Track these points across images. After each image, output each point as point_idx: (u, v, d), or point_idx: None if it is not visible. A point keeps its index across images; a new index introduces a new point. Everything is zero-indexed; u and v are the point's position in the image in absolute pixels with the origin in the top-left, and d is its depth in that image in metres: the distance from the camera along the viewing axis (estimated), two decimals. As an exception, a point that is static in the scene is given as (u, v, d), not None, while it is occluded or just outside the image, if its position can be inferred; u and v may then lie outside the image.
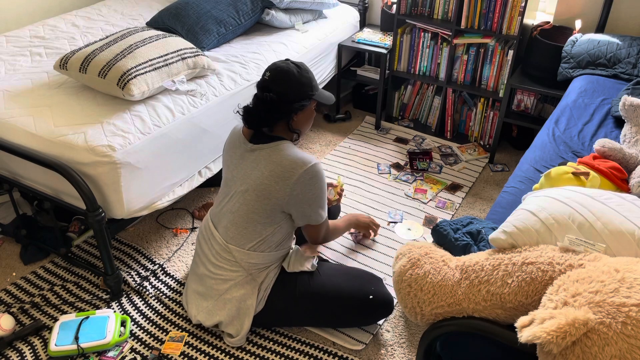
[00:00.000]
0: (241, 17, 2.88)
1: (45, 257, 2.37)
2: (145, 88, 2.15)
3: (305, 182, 1.79)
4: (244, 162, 1.88)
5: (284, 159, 1.79)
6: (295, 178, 1.78)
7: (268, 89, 1.79)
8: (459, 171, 3.00)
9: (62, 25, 3.02)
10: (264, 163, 1.82)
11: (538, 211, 1.42)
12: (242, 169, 1.88)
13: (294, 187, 1.78)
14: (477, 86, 3.13)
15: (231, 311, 1.92)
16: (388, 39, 3.29)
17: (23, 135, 2.04)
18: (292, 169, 1.78)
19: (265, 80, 1.81)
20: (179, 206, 2.68)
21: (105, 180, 1.96)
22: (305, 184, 1.79)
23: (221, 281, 1.92)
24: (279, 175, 1.78)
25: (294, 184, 1.78)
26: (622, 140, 2.07)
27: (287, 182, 1.78)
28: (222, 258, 1.91)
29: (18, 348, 1.96)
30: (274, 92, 1.78)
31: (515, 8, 2.78)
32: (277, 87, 1.79)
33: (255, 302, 1.90)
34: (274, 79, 1.80)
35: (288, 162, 1.79)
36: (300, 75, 1.83)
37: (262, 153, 1.83)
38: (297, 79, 1.81)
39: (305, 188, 1.80)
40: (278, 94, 1.78)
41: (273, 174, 1.79)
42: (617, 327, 1.08)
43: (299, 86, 1.82)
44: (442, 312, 1.42)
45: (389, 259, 2.39)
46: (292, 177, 1.78)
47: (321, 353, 1.96)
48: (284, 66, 1.81)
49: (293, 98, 1.81)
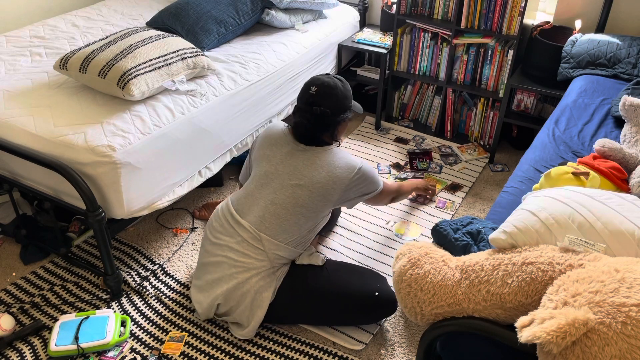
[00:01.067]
0: (241, 17, 2.88)
1: (45, 257, 2.37)
2: (145, 88, 2.15)
3: (360, 181, 1.98)
4: (294, 159, 1.97)
5: (340, 161, 1.96)
6: (349, 180, 1.95)
7: (317, 104, 1.91)
8: (459, 171, 3.00)
9: (62, 25, 3.02)
10: (319, 163, 1.94)
11: (538, 211, 1.42)
12: (292, 165, 1.97)
13: (349, 186, 1.96)
14: (477, 86, 3.13)
15: (246, 300, 1.92)
16: (388, 39, 3.29)
17: (23, 135, 2.04)
18: (347, 171, 1.95)
19: (312, 95, 1.92)
20: (179, 206, 2.68)
21: (105, 180, 1.96)
22: (359, 183, 1.98)
23: (243, 269, 1.92)
24: (337, 176, 1.93)
25: (348, 183, 1.95)
26: (622, 140, 2.07)
27: (343, 181, 1.94)
28: (249, 246, 1.92)
29: (18, 348, 1.96)
30: (323, 106, 1.91)
31: (515, 8, 2.78)
32: (326, 101, 1.92)
33: (271, 295, 1.92)
34: (322, 94, 1.92)
35: (344, 164, 1.96)
36: (344, 89, 1.98)
37: (316, 154, 1.96)
38: (342, 93, 1.96)
39: (359, 186, 1.99)
40: (329, 108, 1.92)
41: (331, 174, 1.93)
42: (617, 327, 1.08)
43: (344, 100, 1.97)
44: (442, 312, 1.42)
45: (388, 259, 2.39)
46: (347, 178, 1.94)
47: (321, 353, 1.97)
48: (330, 81, 1.94)
49: (340, 111, 1.96)
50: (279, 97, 2.81)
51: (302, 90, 1.99)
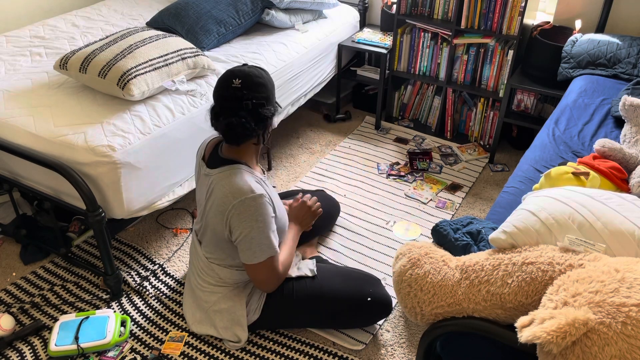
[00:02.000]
0: (241, 17, 2.87)
1: (45, 257, 2.37)
2: (145, 88, 2.15)
3: (234, 217, 1.68)
4: (202, 187, 1.83)
5: (221, 191, 1.70)
6: (226, 213, 1.69)
7: (246, 97, 1.67)
8: (459, 171, 3.00)
9: (62, 25, 3.02)
10: (211, 194, 1.75)
11: (538, 211, 1.42)
12: (202, 192, 1.83)
13: (227, 222, 1.70)
14: (477, 86, 3.13)
15: (223, 321, 1.92)
16: (388, 39, 3.29)
17: (23, 135, 2.04)
18: (224, 204, 1.68)
19: (238, 89, 1.67)
20: (179, 206, 2.68)
21: (105, 180, 1.96)
22: (234, 220, 1.69)
23: (209, 293, 1.91)
24: (216, 209, 1.71)
25: (226, 219, 1.70)
26: (622, 140, 2.07)
27: (222, 217, 1.70)
28: (207, 274, 1.90)
29: (18, 348, 1.96)
30: (255, 98, 1.68)
31: (515, 8, 2.78)
32: (255, 92, 1.68)
33: (245, 312, 1.90)
34: (248, 86, 1.68)
35: (222, 195, 1.69)
36: (270, 79, 1.76)
37: (216, 178, 1.74)
38: (270, 82, 1.75)
39: (235, 223, 1.69)
40: (260, 99, 1.69)
41: (213, 207, 1.72)
42: (617, 327, 1.08)
43: (272, 89, 1.75)
44: (442, 312, 1.42)
45: (388, 259, 2.39)
46: (224, 212, 1.69)
47: (321, 353, 1.97)
48: (253, 71, 1.71)
49: (269, 102, 1.73)
50: (279, 97, 2.81)
51: (220, 87, 1.70)
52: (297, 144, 3.22)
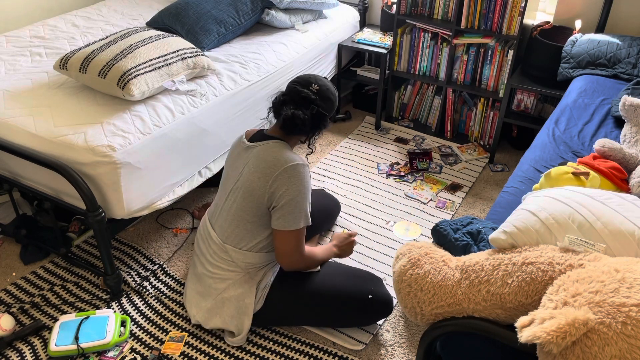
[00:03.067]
0: (241, 17, 2.88)
1: (45, 257, 2.37)
2: (145, 88, 2.15)
3: (284, 180, 1.76)
4: (239, 160, 1.91)
5: (269, 155, 1.81)
6: (275, 175, 1.77)
7: (316, 102, 1.85)
8: (459, 171, 3.00)
9: (62, 25, 3.02)
10: (253, 160, 1.83)
11: (538, 211, 1.42)
12: (237, 167, 1.90)
13: (272, 184, 1.77)
14: (477, 86, 3.13)
15: (230, 310, 1.92)
16: (388, 39, 3.29)
17: (23, 135, 2.04)
18: (273, 165, 1.78)
19: (314, 92, 1.85)
20: (179, 206, 2.68)
21: (105, 180, 1.96)
22: (282, 182, 1.76)
23: (219, 280, 1.92)
24: (262, 171, 1.79)
25: (272, 180, 1.77)
26: (622, 140, 2.07)
27: (267, 179, 1.78)
28: (219, 257, 1.92)
29: (18, 348, 1.96)
30: (322, 108, 1.87)
31: (515, 8, 2.78)
32: (324, 103, 1.88)
33: (253, 301, 1.90)
34: (322, 95, 1.87)
35: (272, 159, 1.79)
36: (337, 98, 1.95)
37: (255, 150, 1.85)
38: (336, 100, 1.93)
39: (282, 186, 1.76)
40: (324, 109, 1.88)
41: (257, 169, 1.80)
42: (617, 327, 1.08)
43: (334, 107, 1.94)
44: (442, 312, 1.42)
45: (388, 259, 2.39)
46: (272, 174, 1.77)
47: (321, 353, 1.96)
48: (330, 87, 1.91)
49: (328, 116, 1.91)
50: (279, 97, 2.81)
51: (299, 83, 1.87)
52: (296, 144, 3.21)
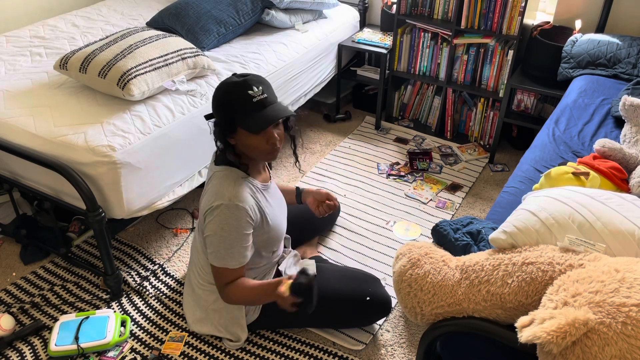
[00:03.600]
0: (241, 17, 2.87)
1: (45, 257, 2.37)
2: (145, 88, 2.15)
3: (210, 217, 1.70)
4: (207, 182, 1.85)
5: (213, 187, 1.72)
6: (206, 209, 1.72)
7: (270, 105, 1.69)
8: (459, 171, 3.00)
9: (62, 25, 3.02)
10: (207, 188, 1.79)
11: (538, 211, 1.42)
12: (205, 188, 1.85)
13: (206, 216, 1.72)
14: (477, 86, 3.13)
15: (222, 320, 1.92)
16: (388, 39, 3.29)
17: (23, 135, 2.04)
18: (209, 199, 1.71)
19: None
20: (179, 206, 2.68)
21: (105, 180, 1.96)
22: (209, 219, 1.71)
23: (208, 292, 1.91)
24: (205, 201, 1.75)
25: (205, 212, 1.72)
26: (622, 140, 2.07)
27: (203, 210, 1.74)
28: (205, 272, 1.89)
29: (18, 348, 1.96)
30: (213, 110, 1.73)
31: (515, 8, 2.78)
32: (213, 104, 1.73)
33: (243, 312, 1.90)
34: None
35: (212, 191, 1.72)
36: (223, 91, 1.70)
37: (212, 175, 1.77)
38: (218, 97, 1.71)
39: (209, 220, 1.71)
40: (215, 109, 1.73)
41: (205, 199, 1.75)
42: (617, 327, 1.08)
43: (219, 108, 1.71)
44: (442, 312, 1.42)
45: (388, 259, 2.39)
46: (205, 207, 1.73)
47: (321, 353, 1.96)
48: (219, 85, 1.71)
49: (220, 117, 1.72)
50: (279, 97, 2.81)
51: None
52: (297, 144, 3.21)
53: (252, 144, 1.68)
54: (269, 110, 1.65)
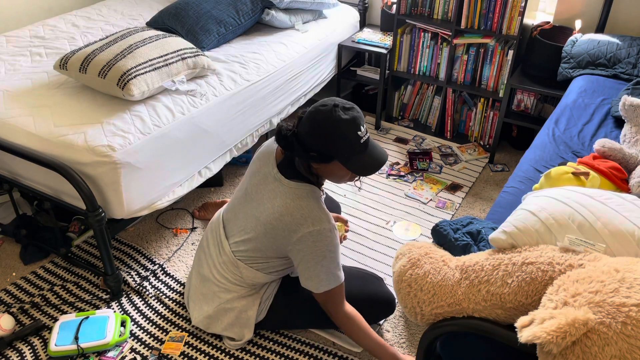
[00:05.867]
0: (241, 17, 2.87)
1: (45, 257, 2.37)
2: (145, 88, 2.15)
3: (308, 242, 1.66)
4: (264, 186, 1.76)
5: (297, 209, 1.65)
6: (300, 235, 1.65)
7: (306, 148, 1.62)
8: (459, 171, 3.00)
9: (62, 25, 3.02)
10: (279, 202, 1.68)
11: (538, 211, 1.42)
12: (261, 193, 1.77)
13: (295, 244, 1.68)
14: (477, 86, 3.13)
15: (231, 319, 1.91)
16: (388, 39, 3.29)
17: (23, 135, 2.04)
18: (299, 224, 1.65)
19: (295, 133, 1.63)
20: (179, 206, 2.68)
21: (105, 180, 1.96)
22: (307, 244, 1.66)
23: (224, 290, 1.89)
24: (287, 224, 1.67)
25: (297, 240, 1.67)
26: (622, 140, 2.07)
27: (292, 235, 1.67)
28: (228, 270, 1.87)
29: (18, 348, 1.96)
30: (320, 151, 1.62)
31: (515, 8, 2.78)
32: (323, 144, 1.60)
33: (255, 313, 1.90)
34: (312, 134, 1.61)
35: (299, 216, 1.65)
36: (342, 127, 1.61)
37: (283, 189, 1.69)
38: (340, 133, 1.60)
39: (307, 248, 1.67)
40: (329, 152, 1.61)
41: (283, 219, 1.67)
42: (617, 327, 1.08)
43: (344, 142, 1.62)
44: (442, 312, 1.42)
45: (388, 259, 2.39)
46: (297, 232, 1.65)
47: (321, 353, 1.97)
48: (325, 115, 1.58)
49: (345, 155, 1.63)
50: (279, 97, 2.81)
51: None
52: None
53: (339, 175, 1.67)
54: (372, 153, 1.64)
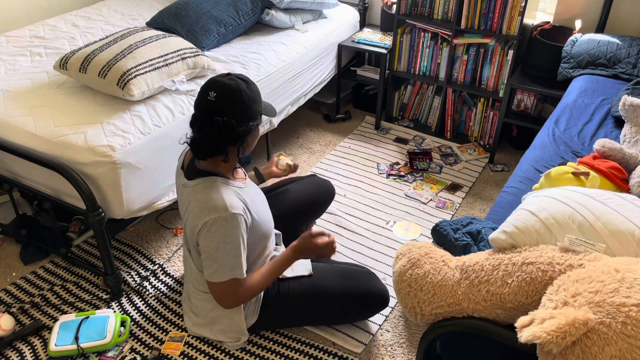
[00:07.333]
0: (241, 17, 2.87)
1: (45, 257, 2.37)
2: (145, 88, 2.15)
3: (204, 232, 1.64)
4: (181, 198, 1.79)
5: (200, 202, 1.64)
6: (200, 226, 1.64)
7: (218, 112, 1.59)
8: (459, 171, 3.00)
9: (62, 25, 3.02)
10: (190, 206, 1.69)
11: (538, 211, 1.42)
12: (180, 204, 1.81)
13: (199, 235, 1.66)
14: (477, 86, 3.13)
15: (222, 325, 1.92)
16: (388, 39, 3.29)
17: (23, 135, 2.04)
18: (199, 217, 1.64)
19: (212, 102, 1.59)
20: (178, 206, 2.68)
21: (105, 180, 1.96)
22: (204, 235, 1.64)
23: (204, 300, 1.90)
24: (192, 222, 1.67)
25: (199, 232, 1.65)
26: (622, 140, 2.07)
27: (196, 229, 1.66)
28: (199, 282, 1.88)
29: (18, 348, 1.96)
30: (226, 114, 1.59)
31: (515, 8, 2.78)
32: (229, 108, 1.59)
33: (243, 318, 1.89)
34: (223, 100, 1.59)
35: (198, 208, 1.64)
36: (250, 91, 1.64)
37: (192, 191, 1.69)
38: (248, 96, 1.63)
39: (204, 238, 1.65)
40: (232, 115, 1.59)
41: (189, 219, 1.69)
42: (617, 327, 1.08)
43: (251, 104, 1.64)
44: (442, 312, 1.42)
45: (388, 259, 2.39)
46: (198, 225, 1.64)
47: (321, 353, 1.97)
48: (231, 83, 1.61)
49: (248, 119, 1.64)
50: (279, 97, 2.81)
51: (198, 96, 1.63)
52: (297, 144, 3.22)
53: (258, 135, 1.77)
54: None
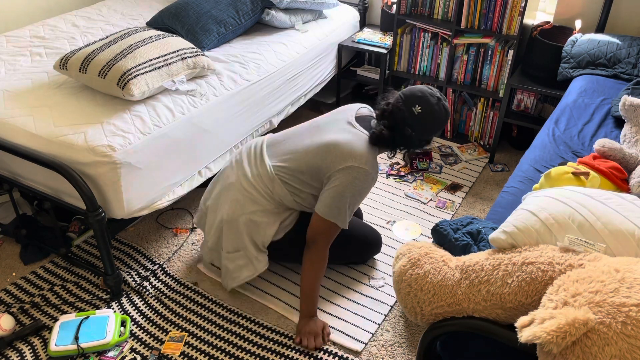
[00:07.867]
0: (241, 17, 2.88)
1: (45, 257, 2.37)
2: (145, 88, 2.15)
3: (347, 174, 1.81)
4: (336, 124, 1.95)
5: (351, 147, 1.82)
6: (347, 164, 1.81)
7: (411, 126, 1.83)
8: (459, 171, 3.00)
9: (62, 25, 3.02)
10: (345, 135, 1.86)
11: (538, 211, 1.42)
12: (330, 125, 1.95)
13: (339, 171, 1.82)
14: (477, 86, 3.13)
15: (249, 229, 1.98)
16: (388, 39, 3.29)
17: (23, 135, 2.04)
18: (352, 157, 1.81)
19: (413, 115, 1.82)
20: (179, 206, 2.68)
21: (105, 180, 1.96)
22: (345, 175, 1.81)
23: (250, 201, 1.97)
24: (342, 152, 1.82)
25: (342, 168, 1.81)
26: (622, 140, 2.07)
27: (341, 163, 1.81)
28: (261, 182, 1.96)
29: (18, 348, 1.96)
30: (417, 131, 1.83)
31: (515, 8, 2.78)
32: (421, 128, 1.84)
33: (272, 234, 1.98)
34: (423, 121, 1.82)
35: (349, 151, 1.82)
36: (442, 124, 1.87)
37: (353, 130, 1.89)
38: (439, 127, 1.86)
39: (343, 177, 1.81)
40: (420, 135, 1.85)
41: (341, 147, 1.83)
42: (617, 327, 1.08)
43: (435, 133, 1.89)
44: (442, 312, 1.42)
45: (389, 259, 2.39)
46: (346, 162, 1.81)
47: (321, 353, 1.97)
48: (440, 112, 1.83)
49: (426, 143, 1.90)
50: (279, 97, 2.81)
51: (400, 97, 1.87)
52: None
53: None
54: None
